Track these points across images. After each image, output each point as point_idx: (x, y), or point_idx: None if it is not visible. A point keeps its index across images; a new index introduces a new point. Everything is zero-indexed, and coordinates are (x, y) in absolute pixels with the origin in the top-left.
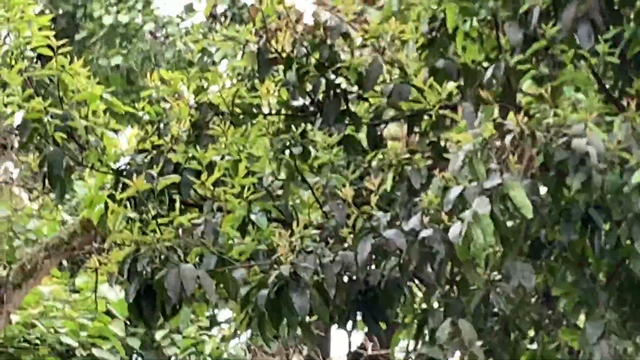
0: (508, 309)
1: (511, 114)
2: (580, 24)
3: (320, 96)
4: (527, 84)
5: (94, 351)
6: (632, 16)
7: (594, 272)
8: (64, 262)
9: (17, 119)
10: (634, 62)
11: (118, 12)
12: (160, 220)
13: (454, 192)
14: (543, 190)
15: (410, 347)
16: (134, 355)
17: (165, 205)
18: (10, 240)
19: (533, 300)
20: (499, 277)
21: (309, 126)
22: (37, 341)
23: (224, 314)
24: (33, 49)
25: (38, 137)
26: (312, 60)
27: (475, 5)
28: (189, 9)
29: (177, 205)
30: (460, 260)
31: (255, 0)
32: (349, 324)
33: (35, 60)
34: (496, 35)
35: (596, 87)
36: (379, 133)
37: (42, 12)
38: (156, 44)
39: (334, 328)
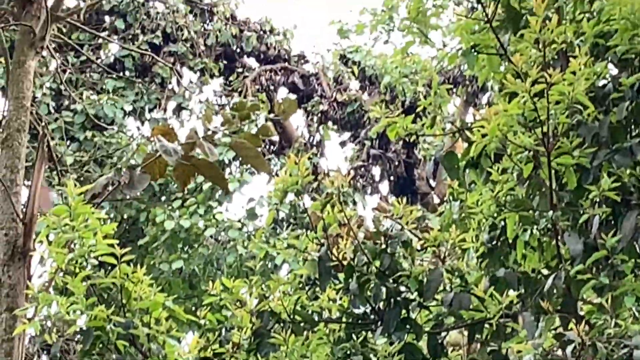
0: None
1: (572, 324)
2: None
3: (381, 304)
4: (587, 293)
5: None
6: None
7: None
8: None
9: (80, 326)
10: None
11: (180, 216)
12: None
13: None
14: None
15: None
16: None
17: None
18: None
19: None
20: None
21: (370, 334)
22: None
23: None
24: (97, 257)
25: (100, 345)
26: (373, 269)
27: (535, 214)
28: (251, 214)
29: None
30: None
31: (316, 207)
32: None
33: (98, 266)
34: (556, 244)
35: None
36: (439, 341)
37: (107, 219)
38: (218, 247)
39: None
